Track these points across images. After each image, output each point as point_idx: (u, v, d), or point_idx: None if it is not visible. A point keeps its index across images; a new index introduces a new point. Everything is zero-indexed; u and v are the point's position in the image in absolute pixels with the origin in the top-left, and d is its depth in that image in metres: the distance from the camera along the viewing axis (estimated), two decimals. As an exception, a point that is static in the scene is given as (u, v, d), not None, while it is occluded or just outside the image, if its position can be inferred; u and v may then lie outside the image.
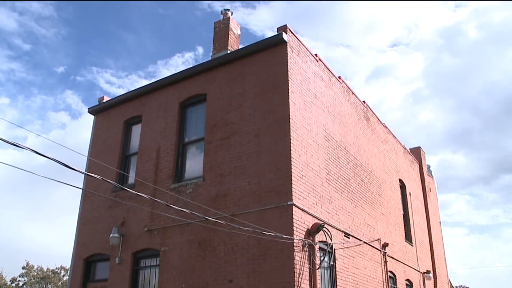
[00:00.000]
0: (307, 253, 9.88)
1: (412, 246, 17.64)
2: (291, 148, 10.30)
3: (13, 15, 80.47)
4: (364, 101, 15.94)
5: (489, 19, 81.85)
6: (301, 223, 9.96)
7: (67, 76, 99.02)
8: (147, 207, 11.95)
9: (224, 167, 11.15)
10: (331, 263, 10.98)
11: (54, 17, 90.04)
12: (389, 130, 18.08)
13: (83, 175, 13.78)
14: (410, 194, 18.77)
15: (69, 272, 13.91)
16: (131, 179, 13.20)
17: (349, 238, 12.17)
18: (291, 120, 10.57)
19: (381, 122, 17.35)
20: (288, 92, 10.81)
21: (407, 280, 16.35)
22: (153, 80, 14.28)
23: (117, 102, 14.60)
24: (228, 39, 14.06)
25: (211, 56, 14.07)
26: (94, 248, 12.99)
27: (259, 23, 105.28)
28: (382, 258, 14.19)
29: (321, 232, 10.35)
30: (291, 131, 10.46)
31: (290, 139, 10.36)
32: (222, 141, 11.47)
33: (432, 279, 18.85)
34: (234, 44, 14.25)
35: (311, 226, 10.24)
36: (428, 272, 18.32)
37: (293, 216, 9.72)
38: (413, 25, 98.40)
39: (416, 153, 21.74)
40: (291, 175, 10.03)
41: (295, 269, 9.30)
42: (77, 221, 13.93)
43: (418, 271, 17.61)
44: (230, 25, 14.31)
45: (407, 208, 18.18)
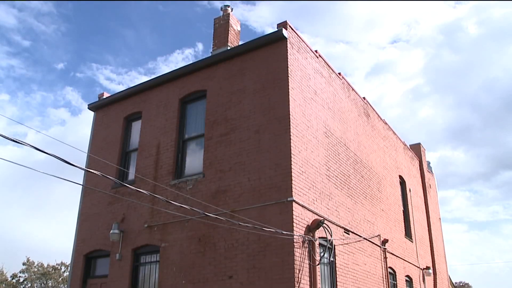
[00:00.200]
0: (307, 249, 9.89)
1: (412, 242, 17.67)
2: (291, 144, 10.30)
3: (12, 11, 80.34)
4: (364, 98, 15.92)
5: (489, 15, 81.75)
6: (301, 219, 9.98)
7: (66, 72, 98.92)
8: (147, 203, 11.97)
9: (224, 163, 11.15)
10: (331, 259, 11.00)
11: (53, 14, 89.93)
12: (389, 126, 18.07)
13: (83, 172, 13.80)
14: (410, 190, 18.78)
15: (69, 268, 13.94)
16: (131, 175, 13.21)
17: (349, 234, 12.19)
18: (291, 116, 10.57)
19: (381, 118, 17.35)
20: (288, 88, 10.81)
21: (407, 276, 16.39)
22: (153, 76, 14.26)
23: (117, 98, 14.59)
24: (228, 35, 14.05)
25: (211, 52, 14.06)
26: (94, 244, 13.01)
27: (259, 19, 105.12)
28: (382, 254, 14.21)
29: (321, 228, 10.37)
30: (291, 127, 10.45)
31: (290, 136, 10.36)
32: (222, 138, 11.48)
33: (431, 275, 18.88)
34: (234, 40, 14.24)
35: (311, 222, 10.25)
36: (428, 268, 18.36)
37: (293, 212, 9.73)
38: (413, 21, 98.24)
39: (416, 149, 21.74)
40: (291, 172, 10.03)
41: (295, 265, 9.32)
42: (77, 217, 13.95)
43: (418, 267, 17.65)
44: (230, 21, 14.30)
45: (407, 204, 18.20)
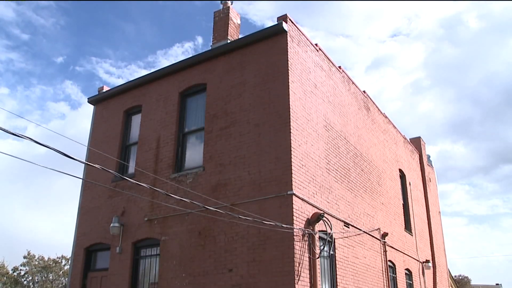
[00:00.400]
0: (307, 242, 9.91)
1: (411, 235, 17.70)
2: (291, 138, 10.29)
3: (10, 4, 79.98)
4: (364, 91, 15.90)
5: (489, 9, 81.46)
6: (301, 212, 9.99)
7: (66, 66, 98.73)
8: (147, 196, 11.98)
9: (224, 157, 11.15)
10: (331, 252, 11.02)
11: (52, 7, 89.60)
12: (389, 120, 18.05)
13: (83, 165, 13.81)
14: (410, 184, 18.79)
15: (70, 261, 13.96)
16: (131, 169, 13.21)
17: (349, 227, 12.21)
18: (291, 110, 10.56)
19: (381, 112, 17.33)
20: (288, 81, 10.78)
21: (407, 269, 16.43)
22: (153, 70, 14.23)
23: (117, 92, 14.57)
24: (228, 28, 14.00)
25: (211, 45, 14.02)
26: (94, 237, 13.04)
27: (259, 13, 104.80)
28: (381, 247, 14.24)
29: (321, 221, 10.38)
30: (291, 120, 10.44)
31: (290, 129, 10.35)
32: (222, 131, 11.47)
33: (431, 268, 18.94)
34: (234, 33, 14.19)
35: (311, 215, 10.26)
36: (427, 261, 18.41)
37: (293, 205, 9.74)
38: (413, 15, 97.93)
39: (416, 143, 21.74)
40: (291, 165, 10.03)
41: (295, 259, 9.34)
42: (77, 211, 13.97)
43: (417, 261, 17.69)
44: (230, 15, 14.24)
45: (407, 198, 18.22)
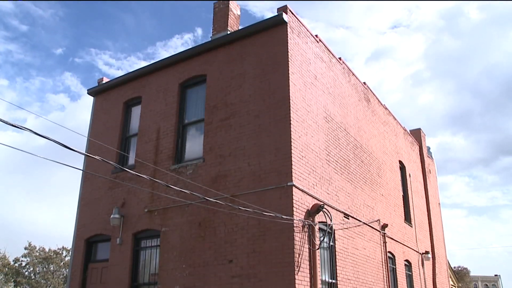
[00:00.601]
0: (307, 233, 9.93)
1: (411, 227, 17.74)
2: (291, 129, 10.28)
3: (10, -5, 79.58)
4: (364, 83, 15.86)
5: (490, 0, 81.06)
6: (301, 203, 10.00)
7: (65, 57, 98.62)
8: (147, 188, 11.99)
9: (224, 148, 11.15)
10: (331, 243, 11.05)
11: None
12: (389, 111, 18.02)
13: (83, 157, 13.81)
14: (410, 175, 18.80)
15: (70, 252, 14.01)
16: (131, 160, 13.21)
17: (348, 219, 12.23)
18: (291, 101, 10.54)
19: (381, 103, 17.29)
20: (288, 73, 10.75)
21: (406, 260, 16.48)
22: (152, 61, 14.19)
23: (117, 83, 14.54)
24: (228, 19, 13.92)
25: (211, 37, 13.96)
26: (95, 228, 13.07)
27: (259, 4, 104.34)
28: (381, 238, 14.27)
29: (321, 212, 10.39)
30: (291, 112, 10.43)
31: (290, 120, 10.34)
32: (222, 122, 11.45)
33: (430, 259, 19.01)
34: (234, 24, 14.12)
35: (311, 206, 10.28)
36: (427, 252, 18.46)
37: (293, 197, 9.75)
38: (414, 6, 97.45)
39: (416, 134, 21.71)
40: (291, 156, 10.03)
41: (295, 250, 9.36)
42: (77, 202, 13.99)
43: (417, 252, 17.74)
44: (229, 6, 14.16)
45: (407, 189, 18.23)
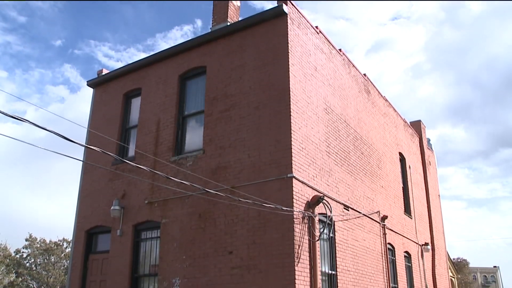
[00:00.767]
0: (307, 225, 9.95)
1: (411, 218, 17.77)
2: (291, 120, 10.27)
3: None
4: (364, 74, 15.82)
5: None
6: (301, 195, 10.01)
7: (64, 49, 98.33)
8: (147, 179, 12.00)
9: (224, 139, 11.14)
10: (331, 235, 11.08)
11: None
12: (389, 103, 18.00)
13: (83, 149, 13.81)
14: (409, 167, 18.81)
15: (71, 244, 14.05)
16: (131, 152, 13.21)
17: (348, 210, 12.25)
18: (291, 92, 10.52)
19: (381, 95, 17.26)
20: (288, 64, 10.72)
21: (406, 252, 16.53)
22: (152, 53, 14.15)
23: (116, 75, 14.50)
24: (227, 11, 13.87)
25: (211, 28, 13.91)
26: (95, 220, 13.09)
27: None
28: (381, 230, 14.31)
29: (321, 204, 10.41)
30: (291, 103, 10.41)
31: (290, 112, 10.32)
32: (222, 114, 11.44)
33: (430, 251, 19.06)
34: (233, 16, 14.06)
35: (311, 198, 10.29)
36: (426, 244, 18.52)
37: (293, 188, 9.76)
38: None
39: (416, 126, 21.70)
40: (291, 148, 10.03)
41: (295, 241, 9.38)
42: (78, 194, 14.01)
43: (416, 243, 17.79)
44: (229, -3, 14.09)
45: (407, 181, 18.25)
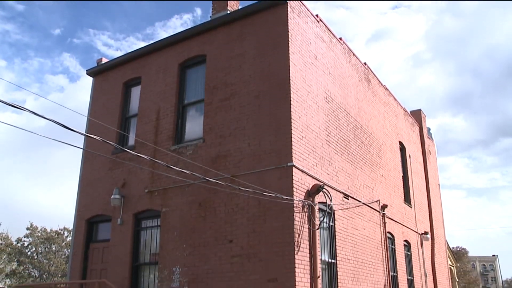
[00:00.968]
0: (307, 213, 9.97)
1: (410, 207, 17.81)
2: (291, 109, 10.25)
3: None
4: (365, 63, 15.76)
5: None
6: (301, 184, 10.02)
7: (63, 38, 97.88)
8: (147, 168, 12.00)
9: (224, 128, 11.13)
10: (331, 223, 11.10)
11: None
12: (389, 92, 17.94)
13: (83, 139, 13.78)
14: (410, 156, 18.81)
15: (72, 233, 14.09)
16: (131, 141, 13.20)
17: (348, 199, 12.27)
18: (291, 81, 10.48)
19: (382, 84, 17.21)
20: (288, 53, 10.67)
21: (405, 241, 16.58)
22: (152, 42, 14.08)
23: (116, 63, 14.44)
24: (227, -1, 13.77)
25: (210, 16, 13.82)
26: (95, 209, 13.12)
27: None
28: (381, 219, 14.34)
29: (321, 193, 10.42)
30: (291, 92, 10.38)
31: (290, 101, 10.30)
32: (222, 103, 11.41)
33: (429, 240, 19.12)
34: (233, 4, 13.97)
35: (311, 187, 10.30)
36: (426, 233, 18.56)
37: (293, 177, 9.77)
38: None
39: (416, 115, 21.66)
40: (291, 137, 10.02)
41: (294, 230, 9.41)
42: (78, 183, 14.02)
43: (416, 232, 17.84)
44: (229, -15, 13.98)
45: (407, 170, 18.26)
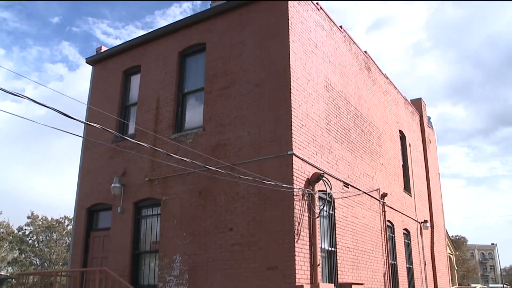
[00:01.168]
0: (307, 202, 9.99)
1: (410, 196, 17.85)
2: (291, 98, 10.22)
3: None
4: (365, 51, 15.69)
5: (496, -33, 79.59)
6: (301, 172, 10.02)
7: (62, 26, 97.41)
8: (147, 157, 12.00)
9: (224, 117, 11.11)
10: (331, 212, 11.13)
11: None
12: (390, 81, 17.89)
13: (83, 127, 13.76)
14: (410, 145, 18.81)
15: (72, 221, 14.13)
16: (131, 130, 13.18)
17: (348, 187, 12.28)
18: (291, 69, 10.44)
19: (382, 72, 17.15)
20: (288, 41, 10.62)
21: (405, 229, 16.64)
22: (151, 30, 14.01)
23: (115, 52, 14.38)
24: (227, -14, 13.68)
25: (210, 4, 13.74)
26: (96, 198, 13.14)
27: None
28: (380, 207, 14.38)
29: (321, 181, 10.43)
30: (291, 80, 10.35)
31: (290, 89, 10.27)
32: (222, 91, 11.38)
33: (429, 228, 19.19)
34: (233, -9, 13.87)
35: (311, 175, 10.31)
36: (425, 222, 18.63)
37: (293, 165, 9.77)
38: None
39: (416, 104, 21.62)
40: (291, 125, 10.00)
41: (294, 218, 9.43)
42: (78, 172, 14.03)
43: (415, 221, 17.90)
44: (229, -28, 13.88)
45: (407, 159, 18.27)
